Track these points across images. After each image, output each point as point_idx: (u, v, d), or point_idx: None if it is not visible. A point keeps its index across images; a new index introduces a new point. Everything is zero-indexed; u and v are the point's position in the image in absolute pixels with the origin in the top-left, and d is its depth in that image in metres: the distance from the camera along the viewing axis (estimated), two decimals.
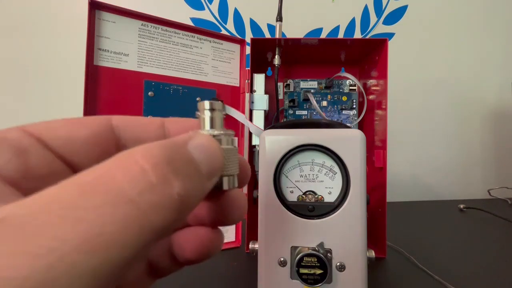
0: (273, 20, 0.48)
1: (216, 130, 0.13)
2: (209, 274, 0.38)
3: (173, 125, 0.15)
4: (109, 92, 0.38)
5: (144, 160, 0.09)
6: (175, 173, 0.09)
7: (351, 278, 0.27)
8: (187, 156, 0.10)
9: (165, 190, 0.09)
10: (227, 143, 0.13)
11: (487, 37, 0.89)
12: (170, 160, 0.09)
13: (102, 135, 0.13)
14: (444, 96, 0.87)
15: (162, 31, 0.42)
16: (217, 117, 0.13)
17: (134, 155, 0.09)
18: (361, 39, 0.55)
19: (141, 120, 0.15)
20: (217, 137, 0.13)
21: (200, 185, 0.10)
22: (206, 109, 0.13)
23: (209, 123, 0.13)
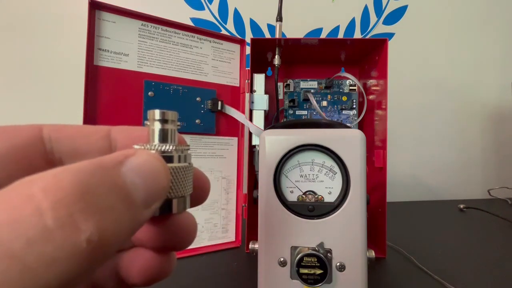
0: (273, 20, 0.48)
1: (167, 144, 0.11)
2: (209, 274, 0.38)
3: (120, 134, 0.13)
4: (109, 92, 0.38)
5: (43, 194, 0.06)
6: (87, 210, 0.07)
7: (351, 278, 0.27)
8: (114, 183, 0.08)
9: (66, 236, 0.06)
10: (179, 160, 0.12)
11: (487, 37, 0.89)
12: (86, 191, 0.07)
13: (28, 147, 0.11)
14: (444, 96, 0.87)
15: (162, 31, 0.42)
16: (169, 129, 0.12)
17: (32, 186, 0.07)
18: (361, 39, 0.55)
19: (82, 129, 0.13)
20: (166, 153, 0.11)
21: (130, 217, 0.08)
22: (156, 119, 0.12)
23: (159, 136, 0.12)
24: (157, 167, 0.10)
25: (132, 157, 0.09)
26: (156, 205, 0.10)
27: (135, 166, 0.09)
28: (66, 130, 0.13)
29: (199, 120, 0.44)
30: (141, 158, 0.09)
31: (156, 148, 0.11)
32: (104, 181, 0.08)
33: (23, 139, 0.11)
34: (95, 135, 0.13)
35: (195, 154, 0.45)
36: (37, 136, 0.12)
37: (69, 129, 0.13)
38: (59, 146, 0.12)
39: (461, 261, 0.42)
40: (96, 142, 0.13)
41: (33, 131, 0.12)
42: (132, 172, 0.09)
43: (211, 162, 0.46)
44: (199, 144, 0.45)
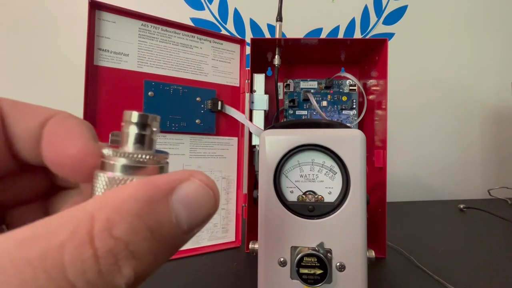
0: (273, 20, 0.48)
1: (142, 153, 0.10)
2: (209, 274, 0.38)
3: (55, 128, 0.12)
4: (109, 92, 0.38)
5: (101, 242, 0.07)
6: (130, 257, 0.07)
7: (351, 278, 0.27)
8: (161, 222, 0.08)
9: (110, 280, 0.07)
10: None
11: (487, 37, 0.89)
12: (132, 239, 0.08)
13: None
14: (444, 96, 0.87)
15: (162, 31, 0.42)
16: (146, 135, 0.10)
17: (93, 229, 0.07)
18: (361, 39, 0.55)
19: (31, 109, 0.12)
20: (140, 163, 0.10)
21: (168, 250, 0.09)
22: (133, 122, 0.10)
23: (134, 141, 0.11)
24: (206, 195, 0.09)
25: (185, 184, 0.09)
26: (197, 231, 0.10)
27: (186, 196, 0.09)
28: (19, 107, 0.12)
29: (199, 120, 0.44)
30: (192, 186, 0.09)
31: (128, 156, 0.10)
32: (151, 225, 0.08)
33: None
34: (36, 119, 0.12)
35: (195, 154, 0.45)
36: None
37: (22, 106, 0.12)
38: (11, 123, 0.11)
39: (461, 261, 0.42)
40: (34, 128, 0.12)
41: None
42: (181, 204, 0.09)
43: (211, 162, 0.46)
44: (199, 144, 0.45)
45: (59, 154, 0.11)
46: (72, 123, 0.12)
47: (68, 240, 0.07)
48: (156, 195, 0.08)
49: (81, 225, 0.07)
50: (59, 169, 0.11)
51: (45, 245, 0.07)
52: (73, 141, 0.11)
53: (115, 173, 0.10)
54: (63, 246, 0.07)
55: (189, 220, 0.09)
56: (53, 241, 0.07)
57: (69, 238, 0.07)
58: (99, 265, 0.07)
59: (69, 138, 0.11)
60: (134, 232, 0.08)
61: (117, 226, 0.07)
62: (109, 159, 0.10)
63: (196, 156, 0.44)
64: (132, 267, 0.08)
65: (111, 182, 0.10)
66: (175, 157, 0.43)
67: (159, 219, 0.08)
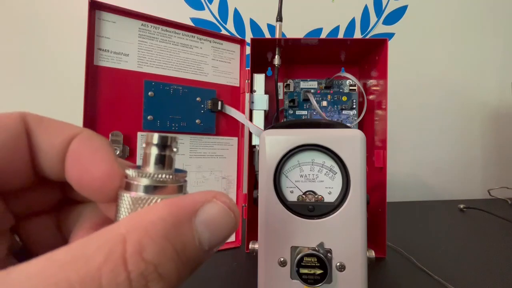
0: (273, 20, 0.48)
1: (163, 173, 0.11)
2: (209, 274, 0.38)
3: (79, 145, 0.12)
4: (109, 92, 0.38)
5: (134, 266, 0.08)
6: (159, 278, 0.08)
7: (351, 278, 0.27)
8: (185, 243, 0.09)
9: None
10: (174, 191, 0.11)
11: (487, 37, 0.89)
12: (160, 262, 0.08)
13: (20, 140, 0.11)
14: (444, 96, 0.87)
15: (162, 31, 0.42)
16: (166, 155, 0.11)
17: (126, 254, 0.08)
18: (361, 39, 0.55)
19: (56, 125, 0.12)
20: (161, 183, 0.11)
21: (191, 268, 0.09)
22: (153, 143, 0.11)
23: (155, 162, 0.11)
24: (227, 217, 0.10)
25: (207, 206, 0.09)
26: (216, 249, 0.10)
27: (208, 218, 0.09)
28: (45, 123, 0.12)
29: (199, 120, 0.44)
30: (215, 209, 0.10)
31: (150, 176, 0.11)
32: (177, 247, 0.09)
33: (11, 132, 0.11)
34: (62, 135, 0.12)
35: (195, 154, 0.45)
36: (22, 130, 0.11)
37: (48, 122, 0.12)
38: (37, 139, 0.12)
39: (461, 261, 0.42)
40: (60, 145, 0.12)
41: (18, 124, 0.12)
42: (204, 225, 0.09)
43: (211, 162, 0.46)
44: (199, 144, 0.45)
45: (84, 175, 0.11)
46: (97, 143, 0.12)
47: (104, 263, 0.08)
48: (181, 217, 0.09)
49: (115, 248, 0.08)
50: (83, 189, 0.12)
51: (84, 269, 0.07)
52: (98, 163, 0.11)
53: (138, 193, 0.11)
54: (100, 269, 0.07)
55: (211, 241, 0.10)
56: (91, 265, 0.08)
57: (105, 261, 0.08)
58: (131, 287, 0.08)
59: (95, 159, 0.11)
60: (162, 254, 0.08)
61: (147, 249, 0.08)
62: (132, 179, 0.11)
63: (196, 156, 0.45)
64: (160, 286, 0.08)
65: (136, 202, 0.10)
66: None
67: (184, 241, 0.09)
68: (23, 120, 0.12)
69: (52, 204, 0.13)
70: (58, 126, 0.12)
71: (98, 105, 0.38)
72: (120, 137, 0.38)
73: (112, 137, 0.38)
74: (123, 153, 0.39)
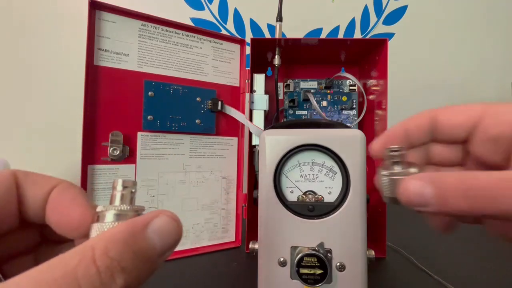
0: (273, 20, 0.48)
1: (124, 205, 0.14)
2: (209, 274, 0.38)
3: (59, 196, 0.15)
4: (109, 92, 0.38)
5: (101, 261, 0.11)
6: (122, 270, 0.11)
7: (351, 278, 0.27)
8: (140, 247, 0.12)
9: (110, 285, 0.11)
10: None
11: (487, 37, 0.89)
12: (122, 256, 0.11)
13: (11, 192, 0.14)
14: (444, 96, 0.87)
15: (162, 31, 0.42)
16: (125, 194, 0.15)
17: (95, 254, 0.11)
18: (361, 39, 0.55)
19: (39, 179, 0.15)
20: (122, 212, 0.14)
21: (149, 269, 0.12)
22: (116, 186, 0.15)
23: (119, 199, 0.14)
24: (172, 226, 0.13)
25: (156, 219, 0.13)
26: (168, 254, 0.13)
27: (157, 228, 0.12)
28: (30, 177, 0.15)
29: (199, 120, 0.44)
30: (162, 220, 0.13)
31: (115, 208, 0.14)
32: (134, 249, 0.11)
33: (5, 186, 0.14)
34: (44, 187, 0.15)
35: (195, 154, 0.45)
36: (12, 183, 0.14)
37: (32, 176, 0.15)
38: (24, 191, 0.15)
39: (461, 261, 0.42)
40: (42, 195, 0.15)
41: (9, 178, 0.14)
42: (155, 233, 0.12)
43: (211, 162, 0.46)
44: (199, 144, 0.45)
45: (63, 218, 0.14)
46: (73, 191, 0.15)
47: (78, 263, 0.10)
48: (136, 228, 0.12)
49: (86, 253, 0.11)
50: (62, 229, 0.15)
51: (64, 269, 0.10)
52: (75, 208, 0.14)
53: (106, 220, 0.14)
54: (75, 268, 0.10)
55: (161, 244, 0.12)
56: (69, 266, 0.10)
57: (79, 262, 0.10)
58: (101, 277, 0.10)
59: (72, 205, 0.15)
60: (123, 254, 0.11)
61: (111, 250, 0.11)
62: (101, 212, 0.14)
63: (196, 156, 0.45)
64: (123, 278, 0.11)
65: (103, 227, 0.13)
66: (175, 157, 0.43)
67: (139, 244, 0.12)
68: (14, 176, 0.14)
69: (31, 246, 0.16)
70: (41, 179, 0.15)
71: (98, 105, 0.38)
72: (120, 137, 0.38)
73: (112, 137, 0.38)
74: (123, 153, 0.39)
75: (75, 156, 0.37)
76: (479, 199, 0.13)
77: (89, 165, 0.37)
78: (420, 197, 0.15)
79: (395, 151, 0.18)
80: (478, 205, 0.13)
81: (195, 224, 0.44)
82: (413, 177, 0.16)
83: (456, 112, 0.18)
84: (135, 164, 0.40)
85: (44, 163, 0.69)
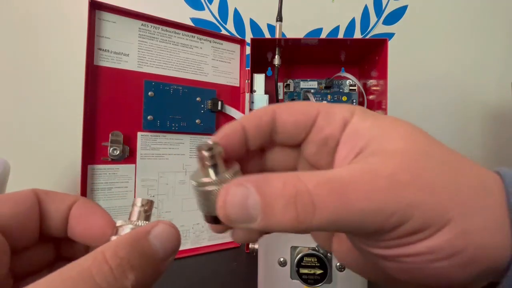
0: (273, 20, 0.48)
1: (140, 221, 0.16)
2: (209, 274, 0.38)
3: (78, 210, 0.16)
4: (109, 92, 0.38)
5: (112, 261, 0.12)
6: (132, 268, 0.12)
7: (351, 278, 0.27)
8: (145, 250, 0.13)
9: (122, 283, 0.12)
10: None
11: (487, 37, 0.89)
12: (130, 256, 0.12)
13: (36, 209, 0.16)
14: (444, 96, 0.87)
15: (162, 31, 0.42)
16: (141, 211, 0.16)
17: (106, 255, 0.12)
18: (361, 39, 0.55)
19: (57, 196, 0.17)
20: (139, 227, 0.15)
21: (154, 269, 0.13)
22: (136, 204, 0.16)
23: (137, 215, 0.16)
24: (171, 232, 0.14)
25: (156, 227, 0.14)
26: (171, 259, 0.14)
27: (158, 234, 0.14)
28: (50, 195, 0.16)
29: (199, 120, 0.44)
30: (161, 227, 0.14)
31: (132, 223, 0.15)
32: (139, 247, 0.13)
33: (30, 201, 0.15)
34: (65, 203, 0.16)
35: (195, 155, 0.45)
36: (35, 200, 0.16)
37: (52, 194, 0.16)
38: (46, 206, 0.16)
39: None
40: (64, 210, 0.16)
41: (32, 197, 0.16)
42: (156, 239, 0.13)
43: None
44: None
45: (87, 228, 0.16)
46: (94, 205, 0.17)
47: (92, 263, 0.11)
48: (140, 235, 0.13)
49: (98, 256, 0.12)
50: (86, 239, 0.16)
51: (78, 268, 0.11)
52: (97, 219, 0.16)
53: (123, 234, 0.15)
54: (90, 266, 0.11)
55: (163, 248, 0.13)
56: (83, 266, 0.11)
57: (93, 262, 0.12)
58: (114, 274, 0.12)
59: (94, 216, 0.16)
60: (131, 254, 0.12)
61: (120, 252, 0.12)
62: (120, 226, 0.15)
63: (196, 156, 0.44)
64: (134, 274, 0.12)
65: None
66: (175, 157, 0.43)
67: (143, 248, 0.13)
68: (35, 194, 0.16)
69: (46, 263, 0.17)
70: (60, 196, 0.17)
71: (98, 105, 0.38)
72: (120, 137, 0.38)
73: (112, 137, 0.38)
74: (123, 153, 0.39)
75: (75, 156, 0.37)
76: (301, 208, 0.11)
77: (89, 165, 0.37)
78: (243, 209, 0.12)
79: (208, 149, 0.13)
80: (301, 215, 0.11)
81: (195, 224, 0.44)
82: (233, 183, 0.12)
83: (294, 110, 0.16)
84: (135, 164, 0.40)
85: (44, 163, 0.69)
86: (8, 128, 0.67)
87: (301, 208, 0.11)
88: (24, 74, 0.69)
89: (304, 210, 0.11)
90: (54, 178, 0.69)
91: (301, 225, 0.11)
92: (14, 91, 0.69)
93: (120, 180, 0.39)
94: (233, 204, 0.12)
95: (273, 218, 0.11)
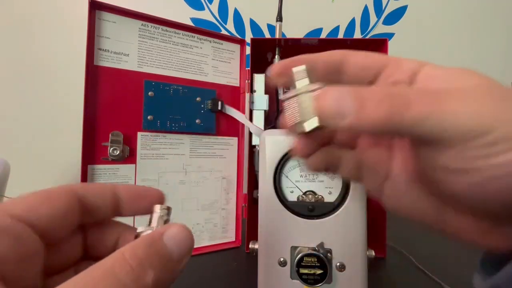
0: (273, 20, 0.48)
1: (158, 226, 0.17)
2: (209, 274, 0.38)
3: (123, 192, 0.18)
4: (109, 92, 0.38)
5: (132, 260, 0.13)
6: (150, 266, 0.13)
7: (351, 278, 0.27)
8: (161, 250, 0.14)
9: (144, 279, 0.13)
10: None
11: (487, 37, 0.89)
12: (148, 256, 0.13)
13: (73, 207, 0.16)
14: None
15: (162, 31, 0.42)
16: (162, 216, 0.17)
17: (125, 255, 0.13)
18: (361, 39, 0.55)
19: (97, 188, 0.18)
20: None
21: (171, 269, 0.14)
22: (156, 210, 0.17)
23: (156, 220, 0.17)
24: (183, 233, 0.15)
25: (170, 229, 0.15)
26: (186, 260, 0.15)
27: (171, 235, 0.15)
28: (90, 188, 0.17)
29: (199, 120, 0.44)
30: (174, 229, 0.15)
31: (152, 229, 0.16)
32: (156, 248, 0.14)
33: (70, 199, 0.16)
34: (105, 193, 0.18)
35: (195, 154, 0.45)
36: (76, 196, 0.16)
37: (89, 187, 0.17)
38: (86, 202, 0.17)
39: (461, 261, 0.42)
40: (110, 199, 0.18)
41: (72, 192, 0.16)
42: (170, 240, 0.14)
43: (211, 162, 0.46)
44: (199, 144, 0.45)
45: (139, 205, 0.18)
46: (140, 188, 0.19)
47: (113, 263, 0.12)
48: (155, 237, 0.14)
49: (118, 257, 0.13)
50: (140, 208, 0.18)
51: (101, 268, 0.12)
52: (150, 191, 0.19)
53: None
54: (112, 266, 0.12)
55: (177, 249, 0.14)
56: (105, 266, 0.12)
57: (114, 262, 0.13)
58: (135, 272, 0.12)
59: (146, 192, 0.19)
60: (149, 254, 0.13)
61: (139, 252, 0.13)
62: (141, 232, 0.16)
63: (196, 156, 0.45)
64: (153, 273, 0.13)
65: None
66: (175, 157, 0.43)
67: (159, 249, 0.14)
68: (72, 191, 0.16)
69: (73, 260, 0.18)
70: (98, 184, 0.18)
71: (98, 105, 0.38)
72: (120, 137, 0.39)
73: (112, 137, 0.38)
74: (123, 153, 0.39)
75: (75, 156, 0.37)
76: (396, 103, 0.13)
77: (89, 165, 0.37)
78: (338, 107, 0.13)
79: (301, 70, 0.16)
80: (394, 109, 0.13)
81: (195, 224, 0.44)
82: (330, 87, 0.14)
83: (368, 55, 0.18)
84: (135, 164, 0.40)
85: (44, 163, 0.69)
86: (8, 128, 0.67)
87: (396, 102, 0.13)
88: (24, 74, 0.69)
89: (398, 105, 0.13)
90: (54, 178, 0.69)
91: (391, 121, 0.13)
92: (14, 91, 0.69)
93: (120, 180, 0.39)
94: (331, 98, 0.14)
95: (365, 113, 0.13)
